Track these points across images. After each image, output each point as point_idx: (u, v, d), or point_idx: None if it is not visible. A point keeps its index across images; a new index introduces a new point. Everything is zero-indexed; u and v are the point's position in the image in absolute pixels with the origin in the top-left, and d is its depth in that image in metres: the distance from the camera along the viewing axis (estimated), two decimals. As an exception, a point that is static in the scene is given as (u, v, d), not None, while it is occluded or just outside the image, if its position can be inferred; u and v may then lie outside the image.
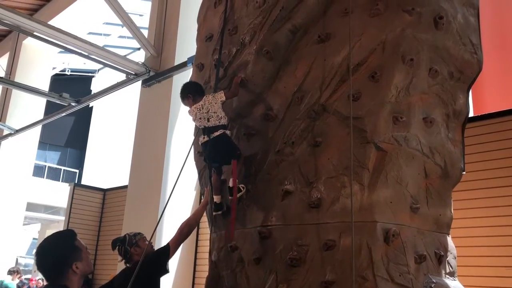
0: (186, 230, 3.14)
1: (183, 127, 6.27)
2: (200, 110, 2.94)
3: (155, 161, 6.30)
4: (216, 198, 3.02)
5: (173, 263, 6.05)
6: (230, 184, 2.88)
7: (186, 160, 3.06)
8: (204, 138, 2.94)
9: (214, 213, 3.03)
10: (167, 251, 3.08)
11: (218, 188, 3.03)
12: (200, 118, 2.93)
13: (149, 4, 7.73)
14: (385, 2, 2.68)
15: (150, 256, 3.07)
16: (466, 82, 2.84)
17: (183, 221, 3.19)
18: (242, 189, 2.87)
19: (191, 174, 5.40)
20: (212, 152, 2.92)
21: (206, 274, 3.23)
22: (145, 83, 6.84)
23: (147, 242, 3.29)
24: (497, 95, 4.94)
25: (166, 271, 3.12)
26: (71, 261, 2.11)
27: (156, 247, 3.40)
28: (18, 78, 9.76)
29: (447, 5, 2.75)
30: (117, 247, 3.23)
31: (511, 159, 3.94)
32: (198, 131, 3.12)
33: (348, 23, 2.67)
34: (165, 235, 5.78)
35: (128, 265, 3.21)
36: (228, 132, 2.95)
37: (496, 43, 4.92)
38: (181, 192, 6.12)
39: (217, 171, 3.04)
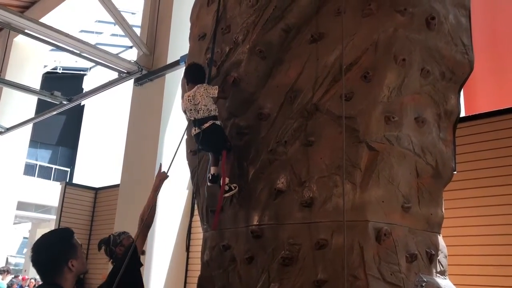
0: (147, 220, 3.09)
1: (175, 126, 6.25)
2: (190, 101, 2.91)
3: (147, 160, 6.28)
4: (213, 170, 2.99)
5: (165, 262, 6.03)
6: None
7: (174, 157, 3.04)
8: (195, 130, 2.92)
9: (208, 184, 3.00)
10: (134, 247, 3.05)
11: (216, 160, 2.99)
12: (191, 110, 2.91)
13: (142, 2, 7.70)
14: (378, 2, 2.68)
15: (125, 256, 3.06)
16: (457, 82, 2.86)
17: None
18: (234, 188, 2.85)
19: (184, 173, 5.39)
20: (204, 143, 2.91)
21: (198, 273, 3.23)
22: (137, 82, 6.81)
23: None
24: (488, 95, 4.98)
25: (140, 264, 3.12)
26: (67, 257, 2.10)
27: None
28: (9, 76, 9.68)
29: (439, 6, 2.76)
30: (103, 248, 3.23)
31: (501, 159, 3.97)
32: (189, 125, 3.10)
33: (340, 23, 2.67)
34: (158, 235, 5.77)
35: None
36: (218, 122, 2.92)
37: (487, 44, 4.96)
38: (174, 191, 6.10)
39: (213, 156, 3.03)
